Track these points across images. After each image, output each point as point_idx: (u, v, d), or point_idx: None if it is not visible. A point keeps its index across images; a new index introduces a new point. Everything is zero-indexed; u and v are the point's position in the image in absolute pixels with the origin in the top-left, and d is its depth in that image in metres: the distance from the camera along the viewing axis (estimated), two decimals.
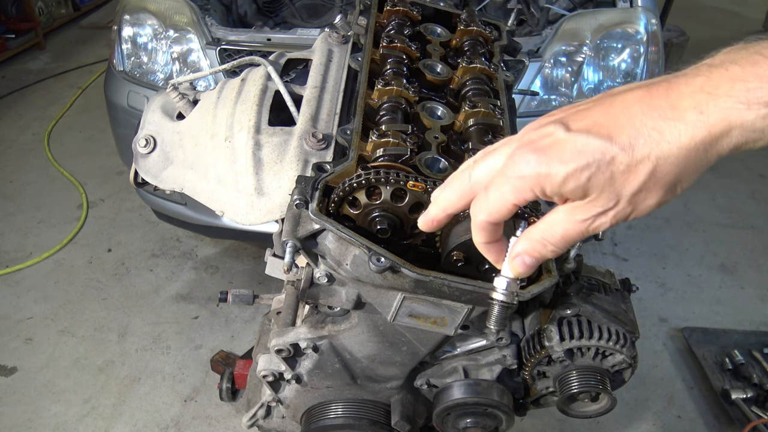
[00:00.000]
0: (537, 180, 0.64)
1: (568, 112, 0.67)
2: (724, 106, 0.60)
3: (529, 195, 0.66)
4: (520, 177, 0.65)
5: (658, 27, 2.74)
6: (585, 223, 0.66)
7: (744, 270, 3.48)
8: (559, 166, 0.63)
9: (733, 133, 0.61)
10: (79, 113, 4.84)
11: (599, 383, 1.24)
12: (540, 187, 0.65)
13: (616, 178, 0.63)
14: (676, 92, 0.62)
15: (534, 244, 0.71)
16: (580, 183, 0.63)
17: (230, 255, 3.45)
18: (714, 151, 0.62)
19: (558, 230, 0.68)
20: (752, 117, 0.59)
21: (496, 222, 0.71)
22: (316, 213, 0.94)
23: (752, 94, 0.59)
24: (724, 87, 0.60)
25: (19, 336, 2.93)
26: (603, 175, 0.62)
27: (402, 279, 0.95)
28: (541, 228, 0.70)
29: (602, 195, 0.64)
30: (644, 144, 0.62)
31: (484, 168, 0.70)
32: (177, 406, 2.64)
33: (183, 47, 2.70)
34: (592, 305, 1.23)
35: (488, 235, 0.73)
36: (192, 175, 1.35)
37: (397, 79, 1.17)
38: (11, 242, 3.50)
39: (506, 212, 0.69)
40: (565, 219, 0.67)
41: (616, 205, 0.65)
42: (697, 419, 2.66)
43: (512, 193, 0.66)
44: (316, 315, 1.28)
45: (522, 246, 0.72)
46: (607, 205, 0.64)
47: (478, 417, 1.32)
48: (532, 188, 0.65)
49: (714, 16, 7.15)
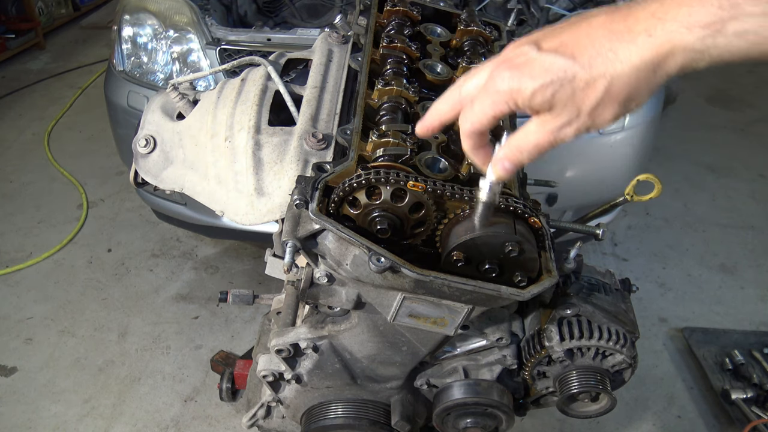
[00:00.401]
0: (510, 94, 0.74)
1: (542, 33, 0.77)
2: (669, 30, 0.68)
3: (504, 108, 0.76)
4: (497, 92, 0.75)
5: None
6: (552, 133, 0.76)
7: (744, 270, 3.48)
8: (529, 82, 0.72)
9: (677, 54, 0.68)
10: (79, 113, 4.84)
11: (599, 383, 1.24)
12: (513, 101, 0.75)
13: (576, 93, 0.72)
14: (633, 18, 0.70)
15: (512, 151, 0.81)
16: (546, 97, 0.72)
17: (230, 255, 3.45)
18: (662, 70, 0.70)
19: (531, 139, 0.78)
20: (692, 39, 0.67)
21: (479, 131, 0.82)
22: (316, 213, 0.94)
23: (693, 18, 0.66)
24: (672, 12, 0.68)
25: (19, 336, 2.93)
26: (565, 90, 0.72)
27: (402, 279, 0.95)
28: (518, 137, 0.80)
29: (565, 109, 0.73)
30: (601, 63, 0.71)
31: (471, 84, 0.81)
32: (177, 406, 2.64)
33: (183, 47, 2.70)
34: (592, 305, 1.23)
35: (473, 142, 0.84)
36: (192, 175, 1.35)
37: (397, 79, 1.17)
38: (11, 242, 3.50)
39: (487, 122, 0.79)
40: (536, 130, 0.77)
41: (577, 118, 0.74)
42: (697, 419, 2.65)
43: (491, 106, 0.77)
44: (316, 315, 1.28)
45: (503, 152, 0.82)
46: (570, 117, 0.74)
47: (478, 417, 1.32)
48: (506, 102, 0.75)
49: None
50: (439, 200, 0.98)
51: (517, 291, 0.96)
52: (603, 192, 2.61)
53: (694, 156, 4.45)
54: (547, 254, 1.01)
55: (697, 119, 4.95)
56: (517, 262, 0.96)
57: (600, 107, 0.72)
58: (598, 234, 1.29)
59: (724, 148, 4.58)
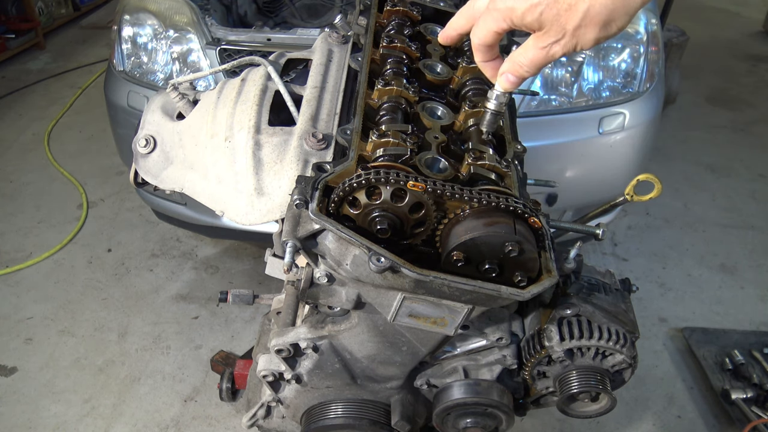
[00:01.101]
0: (507, 13, 0.86)
1: None
2: None
3: (503, 24, 0.88)
4: (497, 9, 0.87)
5: (658, 27, 2.74)
6: (544, 50, 0.86)
7: (744, 270, 3.48)
8: (521, 2, 0.83)
9: None
10: (79, 113, 4.84)
11: (599, 383, 1.24)
12: (509, 18, 0.86)
13: (560, 14, 0.82)
14: None
15: (513, 65, 0.92)
16: (535, 16, 0.83)
17: (230, 255, 3.45)
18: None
19: (528, 55, 0.89)
20: None
21: (485, 44, 0.93)
22: (316, 213, 0.94)
23: None
24: None
25: (19, 336, 2.94)
26: (551, 11, 0.82)
27: (402, 279, 0.95)
28: (518, 52, 0.91)
29: (552, 27, 0.83)
30: None
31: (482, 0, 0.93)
32: (177, 406, 2.64)
33: (183, 47, 2.70)
34: (592, 305, 1.23)
35: (482, 54, 0.96)
36: (192, 175, 1.35)
37: (397, 79, 1.17)
38: (11, 242, 3.50)
39: (491, 37, 0.91)
40: (531, 46, 0.88)
41: (563, 37, 0.84)
42: (697, 419, 2.65)
43: (493, 22, 0.89)
44: (316, 315, 1.28)
45: (505, 66, 0.94)
46: (557, 36, 0.84)
47: (478, 417, 1.32)
48: (504, 19, 0.87)
49: (714, 16, 7.15)
50: (439, 200, 0.98)
51: (517, 291, 0.96)
52: (603, 192, 2.61)
53: (694, 156, 4.45)
54: (547, 254, 1.01)
55: (697, 119, 4.96)
56: (517, 262, 0.96)
57: (582, 28, 0.82)
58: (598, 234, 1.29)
59: (724, 148, 4.59)
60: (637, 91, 2.65)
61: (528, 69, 0.91)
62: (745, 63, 6.08)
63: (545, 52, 0.86)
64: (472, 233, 0.94)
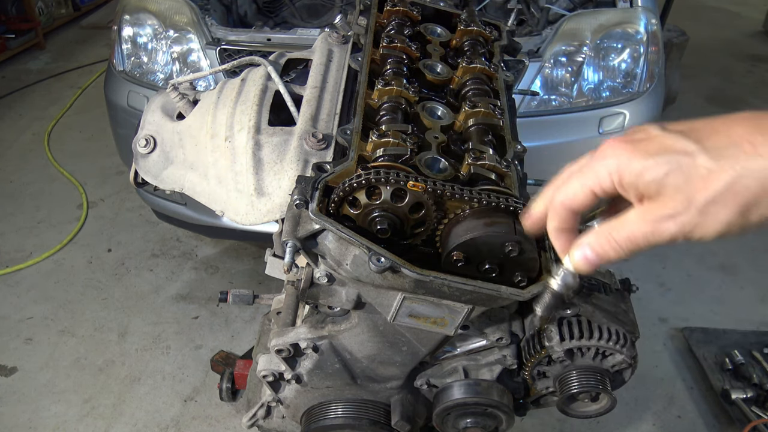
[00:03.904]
0: (618, 166, 0.65)
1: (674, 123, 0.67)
2: None
3: (606, 182, 0.67)
4: (603, 163, 0.67)
5: (658, 27, 2.74)
6: (652, 224, 0.65)
7: (744, 270, 3.48)
8: (642, 156, 0.64)
9: None
10: (79, 113, 4.84)
11: (599, 383, 1.24)
12: (619, 175, 0.65)
13: (693, 180, 0.62)
14: None
15: (600, 239, 0.70)
16: (657, 177, 0.63)
17: (230, 255, 3.45)
18: None
19: (626, 228, 0.67)
20: None
21: (569, 207, 0.72)
22: (316, 213, 0.94)
23: None
24: None
25: (19, 336, 2.93)
26: (681, 173, 0.62)
27: (402, 279, 0.95)
28: (611, 224, 0.69)
29: (675, 196, 0.63)
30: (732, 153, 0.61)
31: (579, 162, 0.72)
32: (177, 406, 2.64)
33: (183, 47, 2.70)
34: (592, 305, 1.23)
35: (560, 221, 0.73)
36: (192, 175, 1.35)
37: (397, 79, 1.17)
38: (11, 242, 3.50)
39: (582, 198, 0.70)
40: (634, 219, 0.67)
41: (685, 211, 0.63)
42: (697, 419, 2.65)
43: (592, 178, 0.68)
44: (316, 315, 1.28)
45: (589, 238, 0.71)
46: (677, 209, 0.63)
47: (478, 417, 1.32)
48: (611, 174, 0.66)
49: (714, 16, 7.15)
50: (439, 200, 0.97)
51: (517, 291, 0.96)
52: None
53: None
54: (547, 254, 1.01)
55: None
56: (517, 262, 0.96)
57: (715, 204, 0.61)
58: None
59: None
60: (637, 91, 2.65)
61: (621, 247, 0.68)
62: (745, 63, 6.08)
63: (652, 228, 0.65)
64: (472, 233, 0.94)
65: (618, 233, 0.68)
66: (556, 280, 0.78)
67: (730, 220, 0.63)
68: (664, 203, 0.64)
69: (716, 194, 0.61)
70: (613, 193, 0.68)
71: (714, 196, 0.61)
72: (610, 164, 0.66)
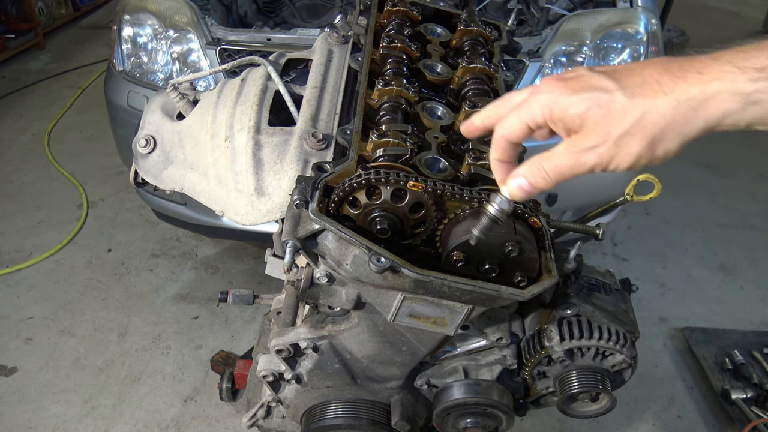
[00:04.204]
0: (548, 103, 0.73)
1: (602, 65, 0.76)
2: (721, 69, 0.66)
3: (538, 116, 0.74)
4: (537, 99, 0.74)
5: (658, 27, 2.74)
6: (575, 155, 0.72)
7: (744, 270, 3.48)
8: (569, 93, 0.72)
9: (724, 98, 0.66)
10: (79, 113, 4.84)
11: (599, 383, 1.24)
12: (549, 110, 0.73)
13: (610, 115, 0.70)
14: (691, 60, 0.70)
15: (533, 169, 0.77)
16: (580, 111, 0.71)
17: (230, 255, 3.45)
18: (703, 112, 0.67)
19: (553, 159, 0.75)
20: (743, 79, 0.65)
21: (510, 138, 0.79)
22: (316, 213, 0.94)
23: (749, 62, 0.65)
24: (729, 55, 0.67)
25: (19, 336, 2.93)
26: (600, 109, 0.70)
27: (402, 279, 0.95)
28: (542, 155, 0.76)
29: (595, 129, 0.71)
30: (643, 91, 0.69)
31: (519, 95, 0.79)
32: (177, 406, 2.64)
33: (183, 47, 2.70)
34: (592, 305, 1.23)
35: (500, 151, 0.81)
36: (192, 175, 1.35)
37: (397, 79, 1.17)
38: (11, 242, 3.50)
39: (519, 131, 0.78)
40: (561, 150, 0.74)
41: (603, 144, 0.70)
42: (697, 419, 2.65)
43: (528, 113, 0.75)
44: (316, 315, 1.28)
45: (522, 169, 0.78)
46: (596, 141, 0.71)
47: (478, 417, 1.32)
48: (542, 109, 0.74)
49: (714, 16, 7.15)
50: (439, 200, 0.97)
51: (517, 291, 0.96)
52: (603, 192, 2.61)
53: (694, 156, 4.45)
54: (547, 254, 1.01)
55: None
56: (517, 262, 0.96)
57: (628, 137, 0.69)
58: (598, 234, 1.29)
59: (724, 148, 4.58)
60: None
61: (549, 176, 0.75)
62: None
63: (576, 158, 0.72)
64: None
65: (547, 164, 0.75)
66: (493, 206, 0.85)
67: (639, 152, 0.70)
68: (586, 136, 0.71)
69: (629, 127, 0.69)
70: (545, 126, 0.76)
71: (627, 129, 0.69)
72: (542, 99, 0.74)
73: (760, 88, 0.65)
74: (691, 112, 0.67)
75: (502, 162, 0.83)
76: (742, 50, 0.67)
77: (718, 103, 0.66)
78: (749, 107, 0.66)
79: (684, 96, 0.67)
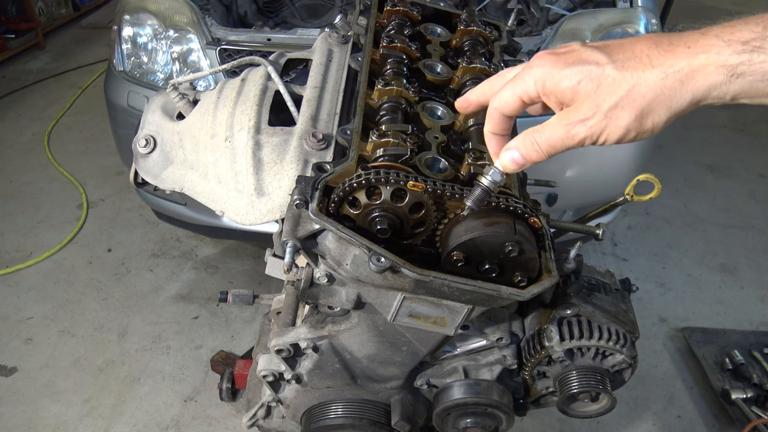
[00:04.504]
0: (542, 76, 0.74)
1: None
2: (707, 43, 0.68)
3: (532, 89, 0.76)
4: (530, 73, 0.75)
5: (658, 27, 2.74)
6: (566, 127, 0.73)
7: (744, 270, 3.48)
8: (562, 66, 0.73)
9: (710, 71, 0.68)
10: (79, 113, 4.84)
11: (599, 383, 1.24)
12: (542, 83, 0.74)
13: (601, 87, 0.71)
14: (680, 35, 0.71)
15: (525, 142, 0.78)
16: (572, 83, 0.72)
17: (230, 255, 3.45)
18: (690, 85, 0.69)
19: (546, 132, 0.76)
20: (728, 52, 0.67)
21: (504, 111, 0.81)
22: (316, 213, 0.94)
23: (735, 36, 0.67)
24: (716, 30, 0.69)
25: (19, 336, 2.94)
26: (592, 81, 0.71)
27: (402, 279, 0.95)
28: (535, 128, 0.77)
29: (586, 101, 0.72)
30: (633, 65, 0.70)
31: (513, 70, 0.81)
32: (177, 406, 2.64)
33: (183, 47, 2.70)
34: (592, 305, 1.23)
35: (494, 124, 0.83)
36: (192, 175, 1.35)
37: (397, 79, 1.17)
38: (11, 242, 3.50)
39: (513, 105, 0.79)
40: (553, 123, 0.75)
41: (593, 116, 0.72)
42: (697, 419, 2.65)
43: (522, 85, 0.77)
44: (316, 315, 1.28)
45: (515, 141, 0.79)
46: (587, 113, 0.72)
47: (478, 417, 1.32)
48: (535, 82, 0.75)
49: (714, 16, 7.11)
50: (439, 200, 0.97)
51: (517, 291, 0.96)
52: (603, 192, 2.61)
53: (694, 156, 4.45)
54: (547, 254, 1.01)
55: (697, 119, 4.96)
56: (517, 262, 0.96)
57: (618, 109, 0.70)
58: (598, 234, 1.29)
59: (724, 148, 4.59)
60: None
61: (542, 149, 0.77)
62: None
63: (567, 131, 0.73)
64: (472, 233, 0.94)
65: (539, 136, 0.76)
66: (486, 177, 0.85)
67: (628, 124, 0.71)
68: (577, 108, 0.73)
69: (619, 99, 0.70)
70: (538, 100, 0.77)
71: (617, 101, 0.70)
72: (536, 73, 0.75)
73: (744, 60, 0.66)
74: (678, 84, 0.69)
75: (496, 135, 0.85)
76: (729, 25, 0.69)
77: (704, 75, 0.68)
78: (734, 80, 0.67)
79: (672, 69, 0.69)
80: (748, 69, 0.66)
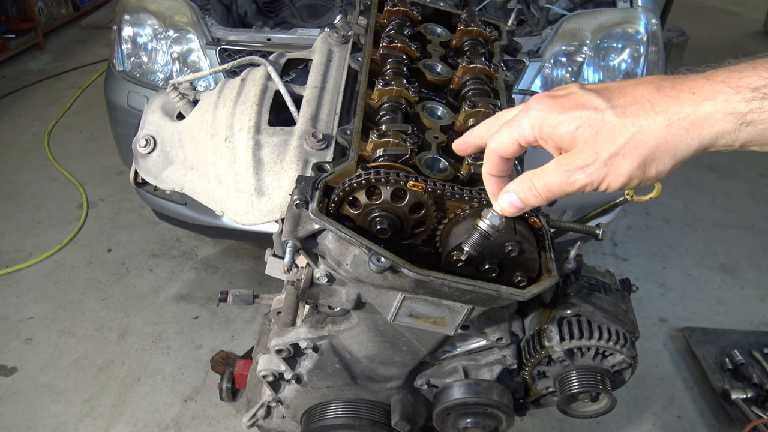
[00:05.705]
0: (539, 120, 0.73)
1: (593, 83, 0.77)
2: (714, 90, 0.65)
3: (529, 133, 0.74)
4: (527, 116, 0.74)
5: (659, 27, 2.74)
6: (565, 173, 0.72)
7: (744, 270, 3.48)
8: (559, 111, 0.71)
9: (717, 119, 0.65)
10: (79, 113, 4.84)
11: (599, 383, 1.24)
12: (539, 128, 0.73)
13: (600, 134, 0.68)
14: (683, 79, 0.68)
15: (524, 186, 0.77)
16: (570, 129, 0.70)
17: (230, 255, 3.45)
18: (695, 133, 0.66)
19: (544, 177, 0.74)
20: (737, 99, 0.64)
21: (502, 154, 0.79)
22: (316, 213, 0.94)
23: (743, 82, 0.64)
24: (722, 75, 0.66)
25: (19, 336, 2.94)
26: (591, 128, 0.69)
27: (402, 279, 0.95)
28: (534, 172, 0.76)
29: (585, 148, 0.70)
30: (634, 111, 0.68)
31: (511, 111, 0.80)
32: (177, 406, 2.64)
33: (183, 47, 2.70)
34: (592, 305, 1.23)
35: (492, 166, 0.82)
36: (192, 175, 1.35)
37: (397, 79, 1.17)
38: (11, 242, 3.50)
39: (510, 147, 0.77)
40: (551, 168, 0.74)
41: (593, 163, 0.70)
42: (697, 419, 2.65)
43: (519, 129, 0.75)
44: (316, 315, 1.28)
45: (514, 185, 0.79)
46: (587, 160, 0.70)
47: (478, 417, 1.32)
48: (532, 127, 0.73)
49: (714, 16, 7.15)
50: (439, 200, 0.97)
51: (517, 291, 0.96)
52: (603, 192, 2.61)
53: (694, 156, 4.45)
54: (547, 254, 1.01)
55: None
56: (517, 262, 0.96)
57: (618, 157, 0.68)
58: (598, 234, 1.29)
59: None
60: None
61: (540, 194, 0.76)
62: None
63: (566, 177, 0.72)
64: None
65: (538, 181, 0.75)
66: (484, 221, 0.85)
67: (630, 172, 0.69)
68: (576, 155, 0.71)
69: (619, 148, 0.68)
70: (535, 143, 0.75)
71: (617, 149, 0.68)
72: (532, 117, 0.73)
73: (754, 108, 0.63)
74: (683, 132, 0.66)
75: (494, 176, 0.83)
76: (736, 69, 0.66)
77: (711, 123, 0.65)
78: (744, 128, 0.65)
79: (676, 116, 0.66)
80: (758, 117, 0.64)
